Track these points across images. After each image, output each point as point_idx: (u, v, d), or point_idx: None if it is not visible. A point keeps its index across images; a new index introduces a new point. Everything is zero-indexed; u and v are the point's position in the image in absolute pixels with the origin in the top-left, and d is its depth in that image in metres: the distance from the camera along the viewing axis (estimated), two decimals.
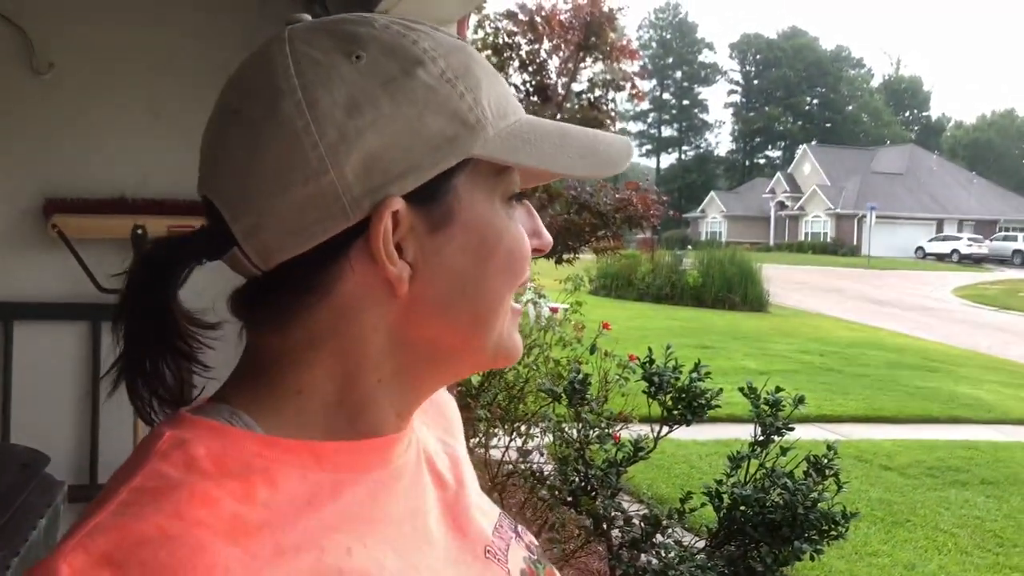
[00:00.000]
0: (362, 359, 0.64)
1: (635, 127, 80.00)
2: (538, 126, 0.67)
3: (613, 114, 5.98)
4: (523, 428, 4.18)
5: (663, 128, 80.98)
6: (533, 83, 5.72)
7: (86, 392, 2.57)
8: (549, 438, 3.87)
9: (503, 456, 4.25)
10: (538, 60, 5.68)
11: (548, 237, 0.72)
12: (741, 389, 3.11)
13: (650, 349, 3.27)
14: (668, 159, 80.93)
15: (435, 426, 0.81)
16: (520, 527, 0.78)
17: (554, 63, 5.85)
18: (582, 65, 5.82)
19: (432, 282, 0.63)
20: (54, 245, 2.49)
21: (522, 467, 3.82)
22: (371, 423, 0.65)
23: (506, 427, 4.35)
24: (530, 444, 4.02)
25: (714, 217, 59.65)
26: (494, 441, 4.50)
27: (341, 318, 0.62)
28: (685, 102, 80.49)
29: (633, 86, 6.48)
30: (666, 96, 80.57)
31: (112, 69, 2.54)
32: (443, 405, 0.86)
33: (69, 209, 2.49)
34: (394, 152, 0.60)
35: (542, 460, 3.94)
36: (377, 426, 0.66)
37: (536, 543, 0.78)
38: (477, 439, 4.20)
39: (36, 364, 2.55)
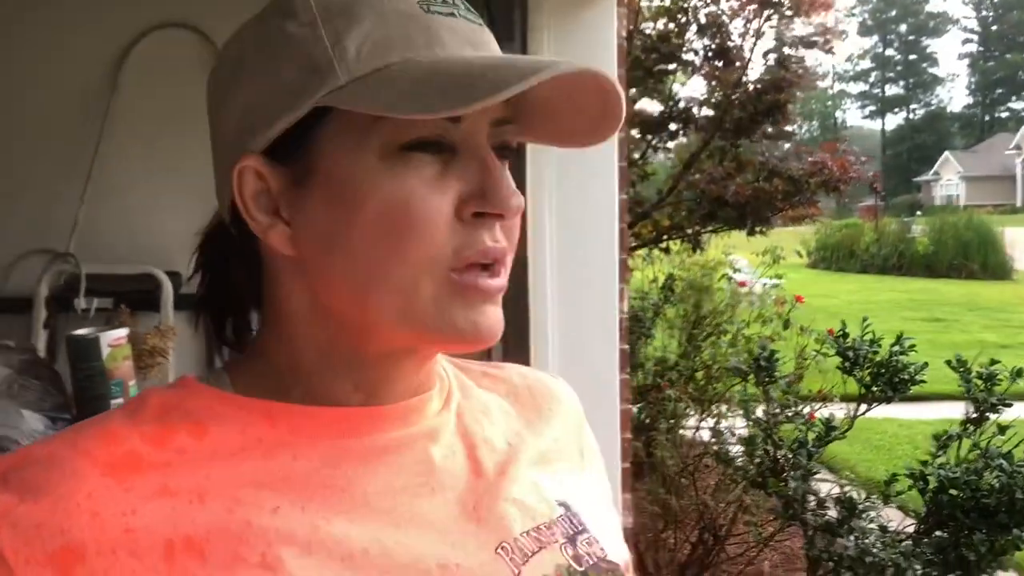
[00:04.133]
0: (294, 325, 0.66)
1: (855, 87, 75.32)
2: (412, 66, 0.59)
3: (801, 73, 5.56)
4: (715, 409, 4.05)
5: (887, 87, 75.74)
6: (714, 46, 5.47)
7: None
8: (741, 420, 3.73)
9: (693, 436, 4.13)
10: (718, 22, 5.43)
11: (499, 199, 0.60)
12: (948, 362, 2.84)
13: (843, 322, 3.06)
14: (894, 120, 75.64)
15: (515, 417, 0.78)
16: (592, 539, 0.70)
17: (737, 24, 5.59)
18: (769, 23, 5.51)
19: (307, 242, 0.63)
20: None
21: (714, 449, 3.70)
22: (326, 394, 0.65)
23: (702, 407, 4.23)
24: (723, 424, 3.89)
25: (949, 179, 55.01)
26: (692, 422, 4.39)
27: (271, 282, 0.66)
28: (911, 57, 74.72)
29: (827, 41, 6.01)
30: (889, 52, 75.21)
31: None
32: (542, 397, 0.82)
33: None
34: (254, 108, 0.62)
35: (733, 441, 3.80)
36: (332, 398, 0.65)
37: (609, 561, 0.70)
38: (668, 421, 4.11)
39: None
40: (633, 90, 5.93)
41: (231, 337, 0.71)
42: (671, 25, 5.52)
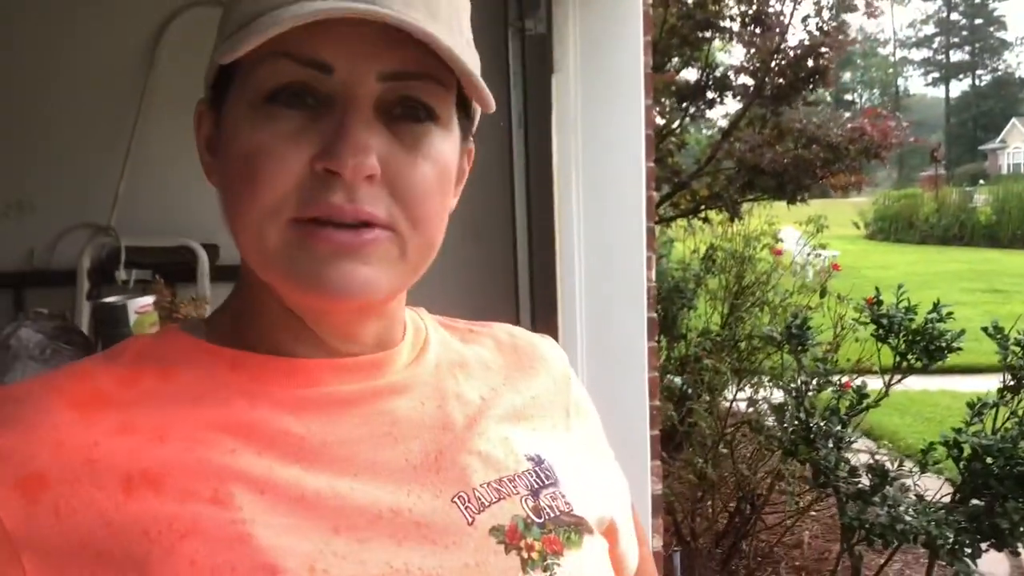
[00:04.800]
0: (243, 275, 0.69)
1: (918, 54, 73.05)
2: (266, 16, 0.58)
3: (842, 38, 5.40)
4: (754, 379, 4.02)
5: (952, 52, 73.32)
6: (751, 13, 5.36)
7: None
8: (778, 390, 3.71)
9: (730, 407, 4.12)
10: None
11: (335, 155, 0.59)
12: (985, 329, 2.79)
13: (877, 289, 3.01)
14: (959, 87, 73.23)
15: (495, 372, 0.79)
16: (558, 494, 0.71)
17: None
18: None
19: (219, 182, 0.66)
20: None
21: (748, 418, 3.69)
22: (281, 345, 0.67)
23: (741, 378, 4.21)
24: (761, 394, 3.87)
25: (1017, 147, 53.12)
26: (733, 392, 4.37)
27: None
28: (978, 21, 72.14)
29: (869, 4, 5.85)
30: (954, 16, 72.70)
31: None
32: (526, 355, 0.82)
33: None
34: (209, 62, 0.65)
35: (767, 410, 3.78)
36: (290, 349, 0.67)
37: (573, 515, 0.70)
38: (709, 392, 4.10)
39: None
40: (676, 59, 5.87)
41: None
42: None
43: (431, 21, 0.60)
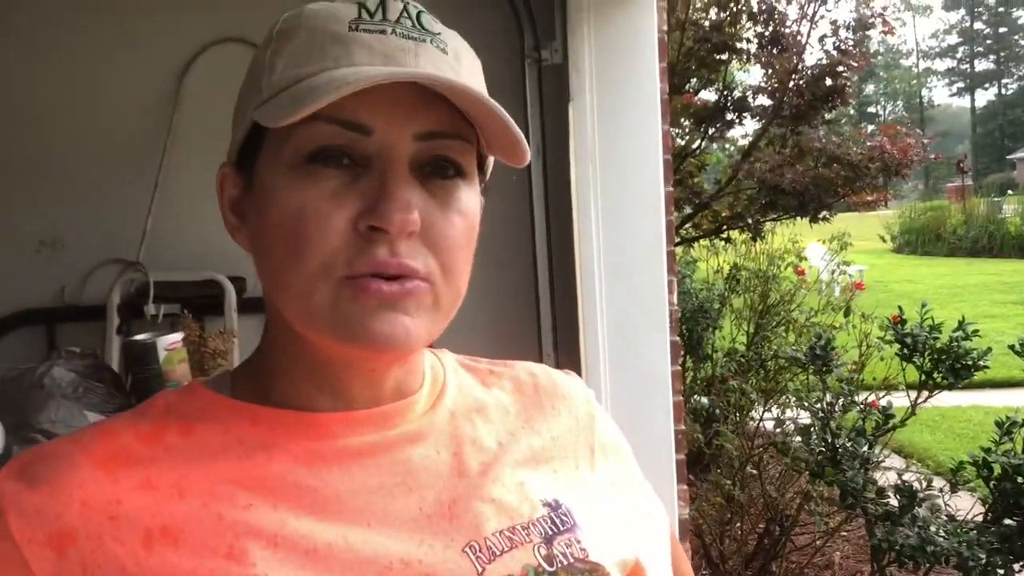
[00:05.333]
0: (270, 328, 0.70)
1: (942, 64, 72.43)
2: (304, 82, 0.62)
3: (864, 51, 5.36)
4: (780, 399, 4.00)
5: (977, 62, 72.68)
6: (767, 34, 5.35)
7: None
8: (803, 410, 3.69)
9: (757, 427, 4.10)
10: (771, 8, 5.30)
11: (381, 214, 0.61)
12: (1012, 347, 2.76)
13: (900, 308, 2.99)
14: (985, 96, 72.48)
15: (515, 415, 0.79)
16: (574, 539, 0.70)
17: (793, 9, 5.46)
18: (826, 7, 5.38)
19: (249, 243, 0.68)
20: None
21: (774, 439, 3.67)
22: (298, 398, 0.69)
23: (768, 398, 4.19)
24: (788, 414, 3.85)
25: None
26: (760, 413, 4.35)
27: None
28: (1002, 29, 71.47)
29: (885, 22, 5.84)
30: (978, 26, 72.13)
31: None
32: (547, 395, 0.82)
33: None
34: (233, 124, 0.68)
35: (793, 431, 3.76)
36: (306, 402, 0.69)
37: (588, 562, 0.70)
38: (733, 412, 4.09)
39: None
40: (694, 80, 5.89)
41: None
42: (723, 14, 5.44)
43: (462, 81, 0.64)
